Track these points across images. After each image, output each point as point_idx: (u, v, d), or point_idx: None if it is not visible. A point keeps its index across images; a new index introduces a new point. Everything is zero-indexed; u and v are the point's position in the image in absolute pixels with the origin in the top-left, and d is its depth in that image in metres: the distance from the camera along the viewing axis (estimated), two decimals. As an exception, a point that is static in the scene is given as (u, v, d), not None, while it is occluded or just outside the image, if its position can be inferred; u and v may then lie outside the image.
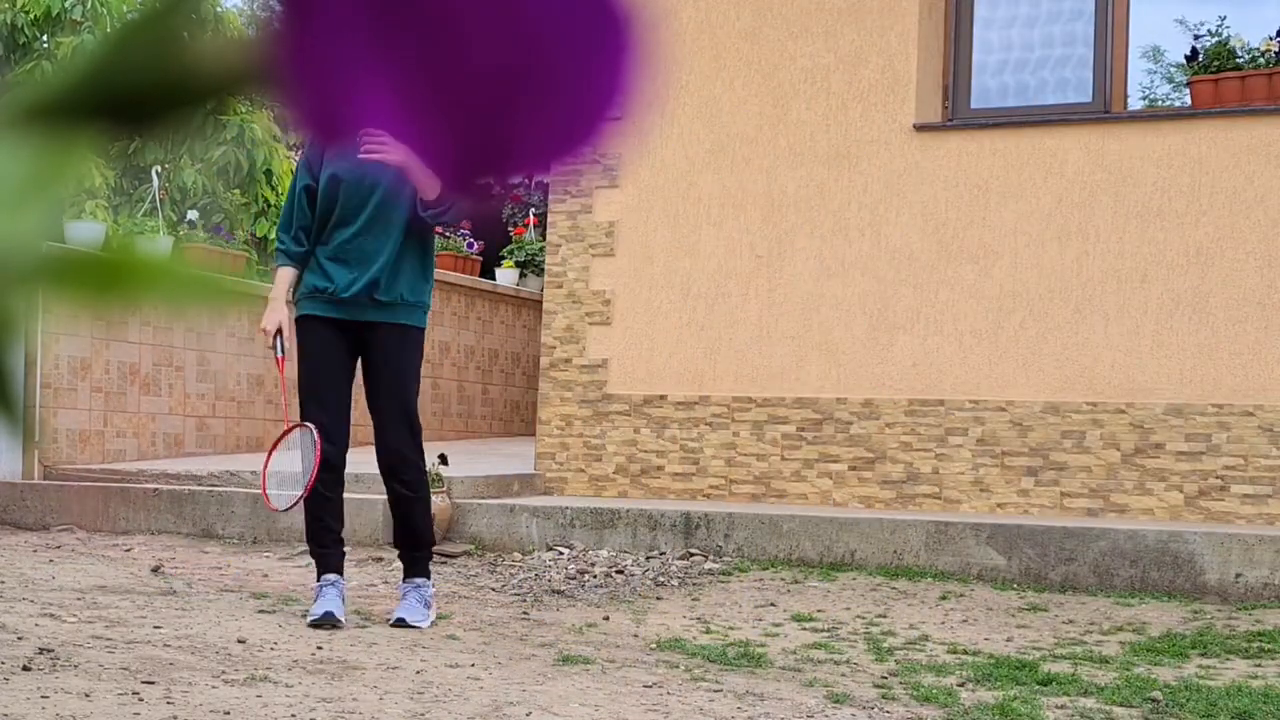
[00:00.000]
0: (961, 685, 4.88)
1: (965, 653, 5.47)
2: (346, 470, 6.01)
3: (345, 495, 8.12)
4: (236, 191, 11.34)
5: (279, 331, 5.66)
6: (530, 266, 14.07)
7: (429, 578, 5.84)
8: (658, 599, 6.58)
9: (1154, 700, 4.68)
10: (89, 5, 10.73)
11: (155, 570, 6.82)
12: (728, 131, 8.90)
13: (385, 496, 8.00)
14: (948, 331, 8.44)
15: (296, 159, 5.86)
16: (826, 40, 8.72)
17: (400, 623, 5.63)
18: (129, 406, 9.68)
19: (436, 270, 13.82)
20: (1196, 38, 8.40)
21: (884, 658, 5.35)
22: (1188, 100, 8.62)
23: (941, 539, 7.36)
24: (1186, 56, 8.37)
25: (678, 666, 5.02)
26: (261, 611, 5.77)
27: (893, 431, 8.52)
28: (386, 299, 5.65)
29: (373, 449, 5.90)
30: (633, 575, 7.14)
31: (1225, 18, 8.97)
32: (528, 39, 0.42)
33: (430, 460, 7.97)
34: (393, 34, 0.42)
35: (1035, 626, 6.11)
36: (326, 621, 5.49)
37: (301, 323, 5.73)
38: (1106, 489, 8.10)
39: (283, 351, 5.68)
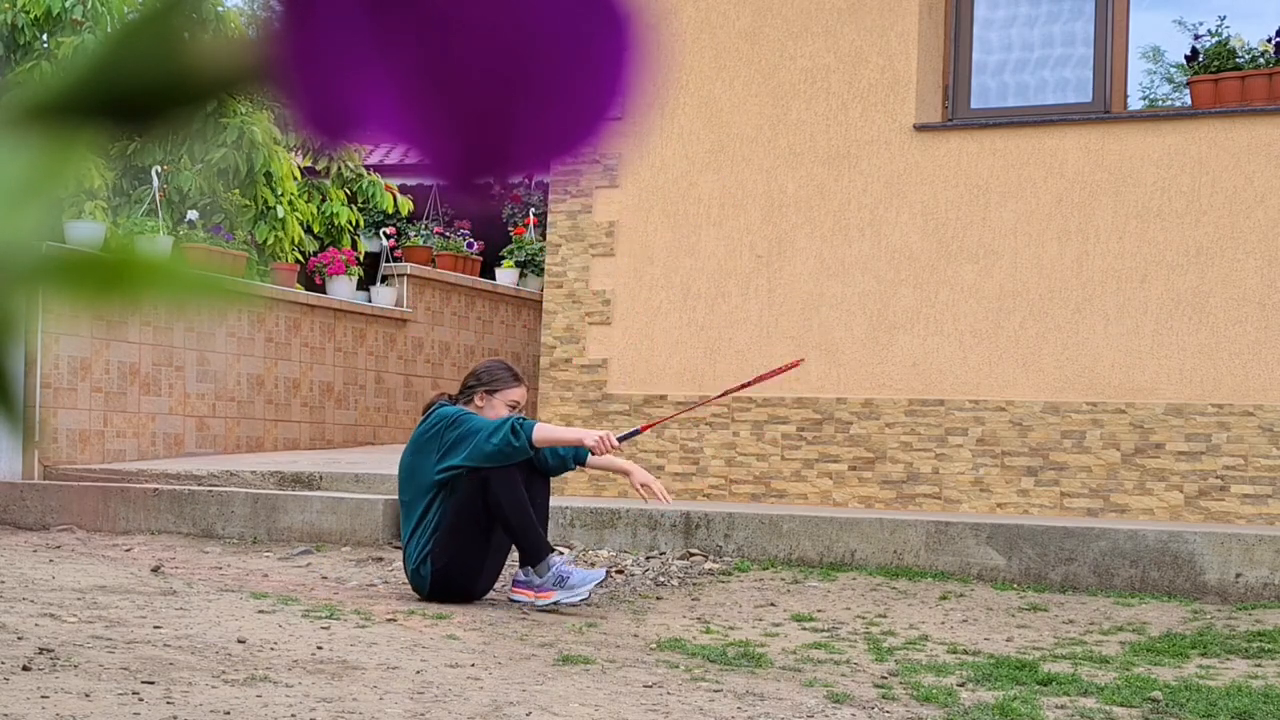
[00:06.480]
0: (961, 685, 4.88)
1: (965, 653, 5.47)
2: (345, 470, 6.07)
3: (346, 495, 8.16)
4: (236, 192, 11.34)
5: (605, 439, 6.21)
6: (530, 266, 14.08)
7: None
8: (658, 599, 6.58)
9: (1154, 700, 4.68)
10: (89, 5, 10.73)
11: (155, 570, 6.82)
12: (728, 131, 8.89)
13: (387, 497, 8.05)
14: (948, 331, 8.44)
15: None
16: (826, 40, 8.71)
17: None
18: (129, 406, 9.68)
19: (437, 270, 13.79)
20: (1196, 38, 8.40)
21: (884, 658, 5.35)
22: (1188, 100, 8.61)
23: (941, 539, 7.35)
24: (1186, 56, 8.37)
25: (677, 666, 5.02)
26: (261, 611, 5.77)
27: (893, 431, 8.51)
28: None
29: (371, 449, 6.09)
30: (633, 575, 7.14)
31: (1225, 18, 8.98)
32: (528, 38, 0.42)
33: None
34: (393, 33, 0.42)
35: (1035, 626, 6.11)
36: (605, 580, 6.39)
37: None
38: (1106, 489, 8.09)
39: (625, 438, 6.33)
